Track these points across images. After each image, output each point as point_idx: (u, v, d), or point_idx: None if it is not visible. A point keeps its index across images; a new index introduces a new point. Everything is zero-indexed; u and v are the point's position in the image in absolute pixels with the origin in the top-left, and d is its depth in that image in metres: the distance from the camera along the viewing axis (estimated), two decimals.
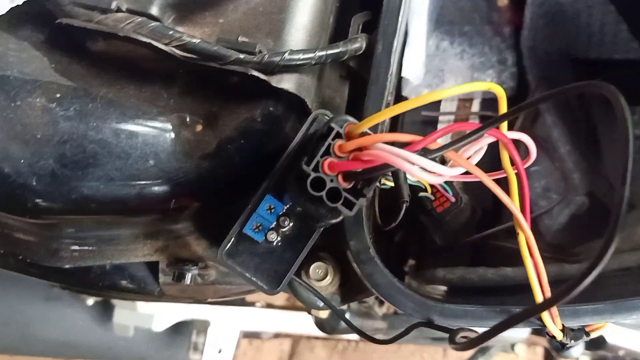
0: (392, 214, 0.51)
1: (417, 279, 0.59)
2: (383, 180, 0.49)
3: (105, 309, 1.20)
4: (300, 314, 1.36)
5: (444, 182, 0.57)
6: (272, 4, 0.52)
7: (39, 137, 0.46)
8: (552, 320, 0.44)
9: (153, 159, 0.48)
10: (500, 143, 0.40)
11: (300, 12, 0.52)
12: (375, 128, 0.50)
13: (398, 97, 0.74)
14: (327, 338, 1.50)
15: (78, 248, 0.53)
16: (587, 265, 0.28)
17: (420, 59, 0.63)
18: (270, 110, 0.50)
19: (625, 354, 1.08)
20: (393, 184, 0.49)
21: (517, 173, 0.41)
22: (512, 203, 0.41)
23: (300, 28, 0.52)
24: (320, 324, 0.90)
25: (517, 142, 0.39)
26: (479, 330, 0.45)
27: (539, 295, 0.41)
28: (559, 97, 0.48)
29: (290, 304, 1.39)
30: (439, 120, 0.77)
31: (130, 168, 0.48)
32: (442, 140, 0.37)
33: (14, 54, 0.49)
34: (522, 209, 0.41)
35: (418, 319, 0.48)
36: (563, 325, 0.45)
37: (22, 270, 0.57)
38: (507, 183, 0.41)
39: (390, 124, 0.70)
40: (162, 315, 1.21)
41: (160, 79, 0.51)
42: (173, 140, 0.49)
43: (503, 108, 0.39)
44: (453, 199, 0.58)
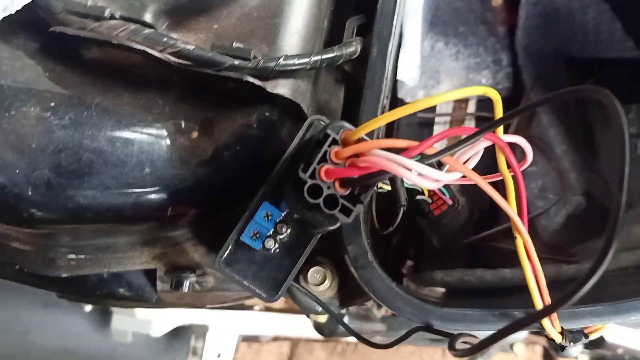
0: (389, 218, 0.50)
1: (415, 282, 0.59)
2: (380, 184, 0.49)
3: (103, 315, 1.20)
4: (299, 317, 1.36)
5: None
6: (266, 9, 0.52)
7: (34, 146, 0.46)
8: (551, 324, 0.44)
9: (149, 167, 0.48)
10: (497, 147, 0.39)
11: (295, 16, 0.52)
12: (372, 133, 0.50)
13: (394, 99, 0.74)
14: (326, 340, 1.49)
15: (75, 257, 0.53)
16: (586, 269, 0.28)
17: (416, 61, 0.63)
18: (266, 116, 0.50)
19: (624, 352, 1.09)
20: (390, 188, 0.49)
21: (513, 176, 0.41)
22: (509, 207, 0.41)
23: (295, 33, 0.52)
24: (319, 328, 0.89)
25: (513, 144, 0.39)
26: (478, 334, 0.45)
27: (538, 300, 0.41)
28: (555, 101, 0.48)
29: (289, 307, 1.38)
30: (435, 122, 0.77)
31: (127, 176, 0.48)
32: (438, 145, 0.37)
33: (8, 63, 0.49)
34: (519, 212, 0.41)
35: (417, 324, 0.48)
36: (562, 328, 0.45)
37: (19, 280, 0.57)
38: (504, 186, 0.41)
39: (387, 126, 0.70)
40: (160, 321, 1.20)
41: (155, 86, 0.51)
42: (169, 148, 0.49)
43: (499, 112, 0.39)
44: (450, 202, 0.58)
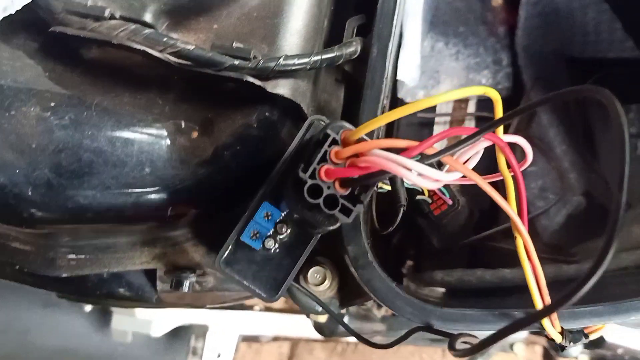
0: (389, 218, 0.50)
1: (415, 282, 0.59)
2: (380, 184, 0.49)
3: (103, 315, 1.20)
4: (299, 317, 1.36)
5: None
6: (266, 9, 0.52)
7: (34, 146, 0.46)
8: (551, 324, 0.44)
9: (149, 167, 0.48)
10: (497, 147, 0.39)
11: (295, 16, 0.52)
12: (372, 133, 0.50)
13: (394, 99, 0.74)
14: (326, 340, 1.49)
15: (75, 257, 0.53)
16: (586, 269, 0.28)
17: (416, 61, 0.63)
18: (266, 116, 0.50)
19: (624, 352, 1.09)
20: (390, 188, 0.49)
21: (513, 176, 0.41)
22: (509, 207, 0.40)
23: (295, 33, 0.52)
24: (319, 328, 0.89)
25: (513, 144, 0.39)
26: (479, 334, 0.45)
27: (538, 300, 0.41)
28: (555, 101, 0.48)
29: (289, 307, 1.38)
30: (435, 122, 0.77)
31: (127, 176, 0.48)
32: (438, 145, 0.37)
33: (8, 63, 0.49)
34: (519, 212, 0.41)
35: (417, 324, 0.48)
36: (562, 328, 0.45)
37: (19, 280, 0.57)
38: (504, 186, 0.41)
39: (386, 126, 0.70)
40: (160, 321, 1.20)
41: (155, 86, 0.51)
42: (169, 148, 0.49)
43: (499, 112, 0.39)
44: (450, 202, 0.58)
